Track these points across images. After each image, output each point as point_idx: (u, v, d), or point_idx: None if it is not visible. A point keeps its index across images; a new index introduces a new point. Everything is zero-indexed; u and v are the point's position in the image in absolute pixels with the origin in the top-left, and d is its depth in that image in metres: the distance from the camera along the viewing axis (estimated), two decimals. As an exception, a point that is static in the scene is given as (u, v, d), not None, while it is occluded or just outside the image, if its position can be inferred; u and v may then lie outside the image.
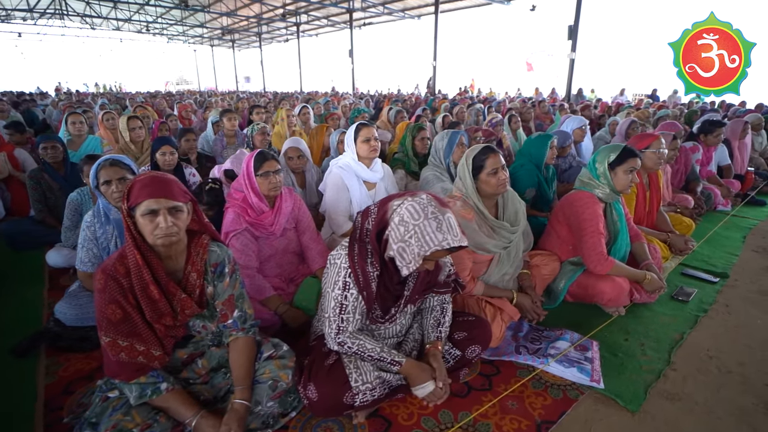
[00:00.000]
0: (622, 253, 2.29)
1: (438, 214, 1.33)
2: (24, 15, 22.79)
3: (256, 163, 2.16)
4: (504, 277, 2.10)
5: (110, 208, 2.08)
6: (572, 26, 11.78)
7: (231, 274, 1.57)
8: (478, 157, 1.97)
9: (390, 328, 1.62)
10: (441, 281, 1.64)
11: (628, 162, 2.17)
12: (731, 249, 3.16)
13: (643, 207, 2.81)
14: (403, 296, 1.54)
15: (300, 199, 2.42)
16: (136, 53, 36.54)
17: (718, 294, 2.48)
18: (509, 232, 2.01)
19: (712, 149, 4.27)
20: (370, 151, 2.62)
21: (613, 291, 2.09)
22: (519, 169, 3.07)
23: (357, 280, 1.44)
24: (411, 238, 1.33)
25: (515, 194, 2.13)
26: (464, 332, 1.66)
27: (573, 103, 10.63)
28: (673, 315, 2.24)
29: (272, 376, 1.48)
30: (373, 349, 1.46)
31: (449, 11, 19.02)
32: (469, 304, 1.97)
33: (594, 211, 2.17)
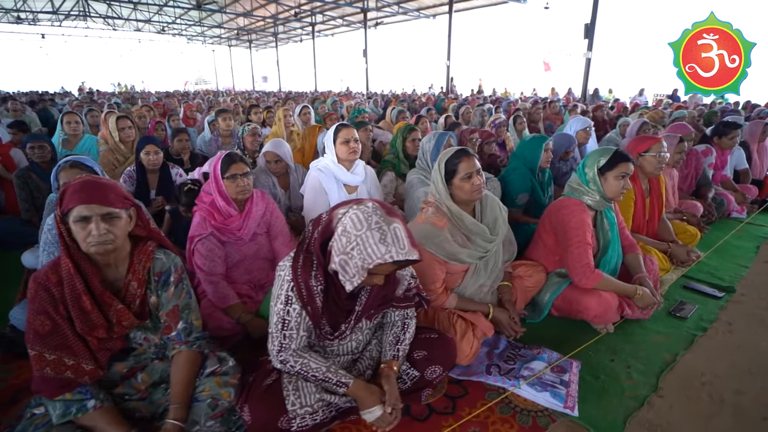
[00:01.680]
0: (612, 265, 2.13)
1: (382, 224, 1.22)
2: (50, 17, 23.48)
3: (223, 166, 2.08)
4: (482, 289, 1.96)
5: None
6: (588, 24, 11.44)
7: (177, 284, 1.48)
8: (450, 161, 1.84)
9: (344, 345, 1.51)
10: (400, 295, 1.52)
11: (620, 167, 2.01)
12: (742, 260, 2.94)
13: (642, 214, 2.62)
14: (354, 312, 1.43)
15: (273, 203, 2.33)
16: (156, 54, 37.30)
17: (722, 310, 2.28)
18: (486, 241, 1.88)
19: (727, 152, 4.02)
20: (350, 153, 2.51)
21: (599, 307, 1.93)
22: (511, 172, 2.92)
23: (300, 294, 1.33)
24: (353, 250, 1.22)
25: (496, 200, 1.99)
26: (424, 351, 1.54)
27: (588, 103, 10.31)
28: (668, 333, 2.06)
29: (212, 394, 1.39)
30: (318, 369, 1.35)
31: (464, 10, 18.77)
32: (440, 318, 1.84)
33: (581, 219, 2.01)
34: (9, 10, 22.12)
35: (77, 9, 23.12)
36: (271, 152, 2.96)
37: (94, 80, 30.36)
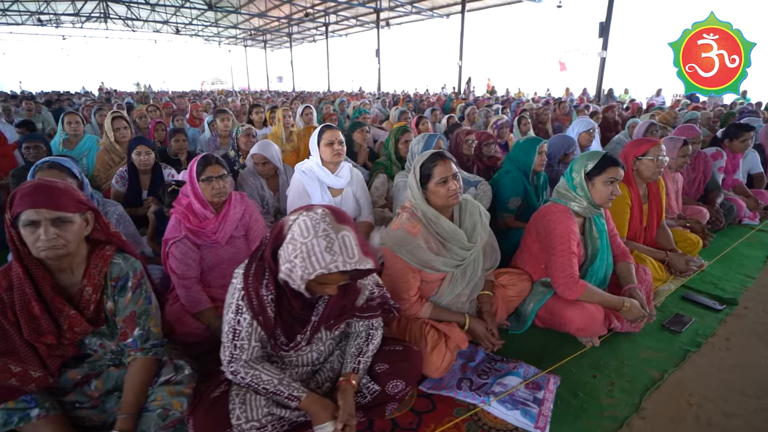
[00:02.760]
0: (601, 275, 2.02)
1: (330, 232, 1.16)
2: (72, 19, 24.13)
3: (198, 168, 2.04)
4: (459, 299, 1.89)
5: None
6: (603, 23, 11.16)
7: (135, 289, 1.45)
8: (425, 164, 1.77)
9: (303, 356, 1.46)
10: (362, 305, 1.46)
11: (608, 172, 1.90)
12: (749, 270, 2.78)
13: (639, 221, 2.50)
14: (311, 322, 1.37)
15: (253, 206, 2.29)
16: (174, 54, 37.98)
17: (720, 324, 2.15)
18: (463, 249, 1.80)
19: (738, 156, 3.83)
20: (334, 155, 2.45)
21: (583, 320, 1.83)
22: (504, 176, 2.83)
23: (250, 303, 1.28)
24: (296, 258, 1.16)
25: (476, 206, 1.91)
26: (386, 364, 1.47)
27: (601, 104, 10.05)
28: (659, 348, 1.95)
29: (163, 404, 1.35)
30: (269, 381, 1.30)
31: (477, 10, 18.57)
32: (412, 328, 1.77)
33: (566, 227, 1.91)
34: (33, 13, 22.81)
35: (98, 11, 23.75)
36: (258, 154, 2.93)
37: (114, 80, 31.18)
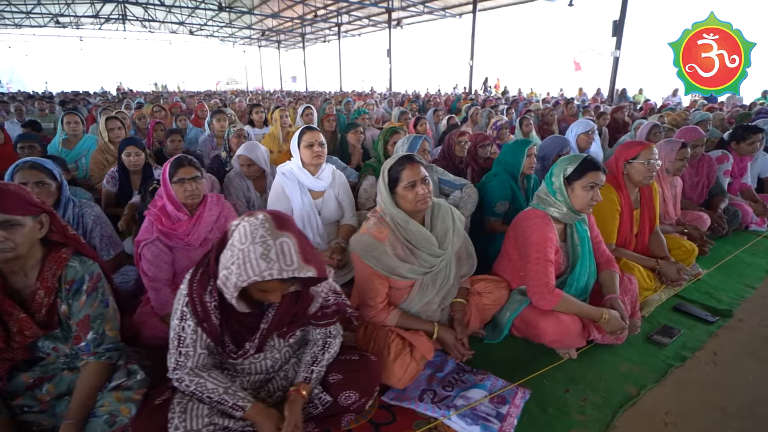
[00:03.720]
0: (582, 283, 1.94)
1: (268, 238, 1.12)
2: (92, 21, 24.72)
3: (171, 169, 2.03)
4: (430, 306, 1.83)
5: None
6: (617, 22, 10.91)
7: (90, 292, 1.44)
8: (394, 168, 1.72)
9: (257, 364, 1.42)
10: (316, 313, 1.42)
11: (588, 176, 1.82)
12: (749, 279, 2.65)
13: (629, 227, 2.40)
14: (260, 330, 1.34)
15: (230, 208, 2.27)
16: (190, 55, 38.59)
17: (710, 338, 2.04)
18: (432, 255, 1.74)
19: (746, 159, 3.67)
20: (313, 157, 2.41)
21: (557, 332, 1.75)
22: (492, 178, 2.75)
23: (194, 310, 1.25)
24: (233, 265, 1.13)
25: (450, 211, 1.84)
26: (339, 374, 1.43)
27: (615, 104, 9.81)
28: (640, 362, 1.85)
29: (111, 410, 1.33)
30: (214, 389, 1.27)
31: (488, 9, 18.37)
32: (378, 336, 1.72)
33: (542, 233, 1.84)
34: (55, 15, 23.44)
35: (116, 13, 24.29)
36: (243, 156, 2.91)
37: (133, 80, 31.86)
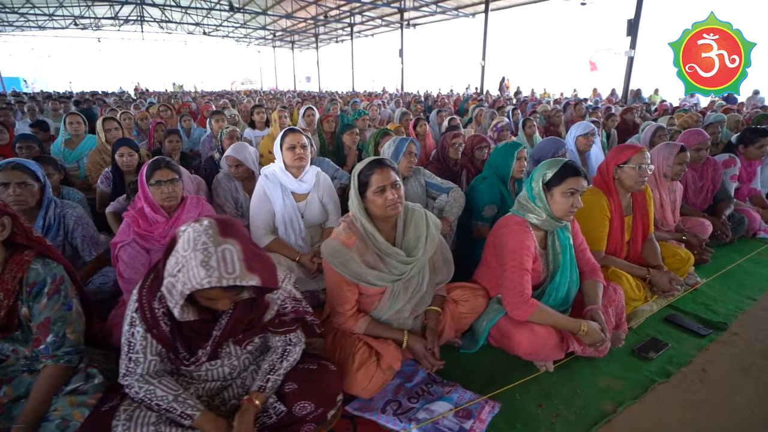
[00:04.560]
0: (562, 293, 1.86)
1: (210, 245, 1.09)
2: (111, 22, 25.32)
3: (148, 171, 2.04)
4: (402, 314, 1.78)
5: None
6: (632, 21, 10.65)
7: (51, 295, 1.43)
8: (363, 172, 1.68)
9: (213, 370, 1.40)
10: (273, 320, 1.39)
11: (568, 182, 1.75)
12: (751, 290, 2.53)
13: (619, 234, 2.31)
14: (212, 336, 1.31)
15: (210, 210, 2.27)
16: (207, 55, 39.23)
17: (701, 352, 1.95)
18: (402, 263, 1.69)
19: (756, 163, 3.52)
20: (295, 159, 2.39)
21: (531, 344, 1.69)
22: (481, 182, 2.69)
23: (143, 316, 1.24)
24: (179, 272, 1.10)
25: (424, 216, 1.79)
26: (295, 384, 1.39)
27: (629, 105, 9.57)
28: (621, 377, 1.77)
29: (63, 414, 1.32)
30: (164, 397, 1.25)
31: (501, 9, 18.15)
32: (345, 344, 1.68)
33: (519, 241, 1.77)
34: (77, 17, 24.06)
35: (135, 14, 24.83)
36: (231, 157, 2.91)
37: (152, 81, 32.55)
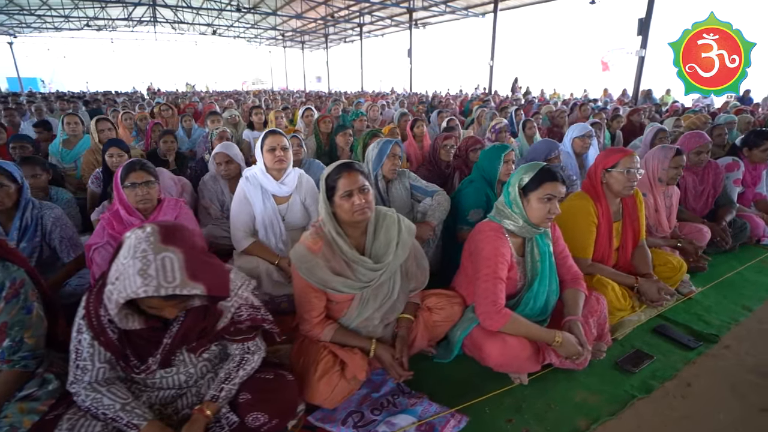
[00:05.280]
0: (540, 303, 1.79)
1: (149, 253, 1.06)
2: (125, 23, 25.75)
3: (122, 173, 2.03)
4: (371, 322, 1.73)
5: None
6: (643, 20, 10.43)
7: (9, 299, 1.41)
8: (331, 176, 1.63)
9: (168, 378, 1.37)
10: (230, 328, 1.35)
11: (544, 187, 1.68)
12: (749, 300, 2.42)
13: (607, 241, 2.22)
14: (163, 344, 1.28)
15: (188, 213, 2.25)
16: (219, 55, 39.69)
17: (687, 365, 1.86)
18: (370, 270, 1.64)
19: (761, 167, 3.39)
20: (275, 161, 2.36)
21: (502, 355, 1.62)
22: (467, 185, 2.62)
23: (90, 323, 1.21)
24: (117, 280, 1.07)
25: (397, 221, 1.74)
26: (249, 393, 1.35)
27: (640, 106, 9.37)
28: (599, 391, 1.70)
29: (12, 421, 1.30)
30: (111, 405, 1.22)
31: (510, 9, 17.96)
32: (309, 352, 1.64)
33: (494, 248, 1.71)
34: (92, 18, 24.52)
35: (148, 15, 25.20)
36: (221, 153, 2.90)
37: (164, 81, 33.05)
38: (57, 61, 33.90)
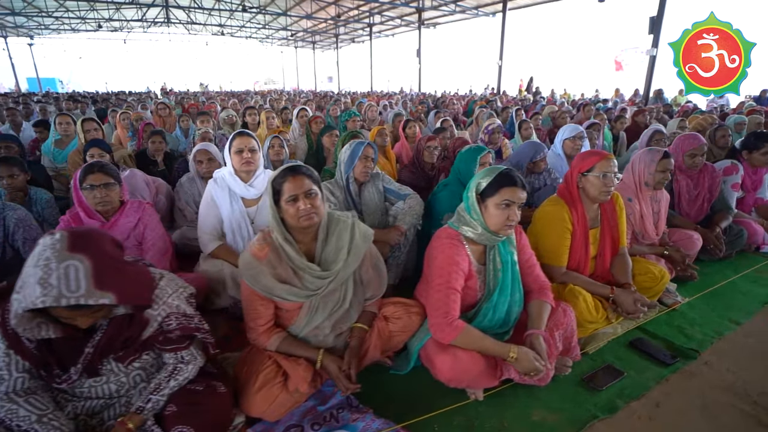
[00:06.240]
0: (501, 314, 1.70)
1: (53, 261, 1.01)
2: (139, 24, 26.20)
3: (80, 175, 2.00)
4: (321, 331, 1.67)
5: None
6: (654, 18, 10.15)
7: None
8: (276, 179, 1.57)
9: (97, 388, 1.33)
10: (158, 337, 1.30)
11: (502, 193, 1.59)
12: (737, 313, 2.29)
13: (583, 248, 2.12)
14: (84, 354, 1.23)
15: (152, 215, 2.21)
16: (230, 55, 40.14)
17: (659, 384, 1.75)
18: (316, 277, 1.58)
19: (762, 170, 3.22)
20: (242, 163, 2.31)
21: (452, 370, 1.54)
22: (442, 188, 2.54)
23: (4, 332, 1.17)
24: (21, 289, 1.03)
25: (350, 227, 1.67)
26: (175, 406, 1.30)
27: (650, 106, 9.11)
28: (559, 410, 1.60)
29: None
30: (26, 417, 1.18)
31: (519, 8, 17.73)
32: (253, 362, 1.58)
33: (448, 257, 1.63)
34: (107, 20, 25.01)
35: (161, 16, 25.61)
36: (202, 150, 2.88)
37: (178, 81, 33.58)
38: (74, 62, 34.70)
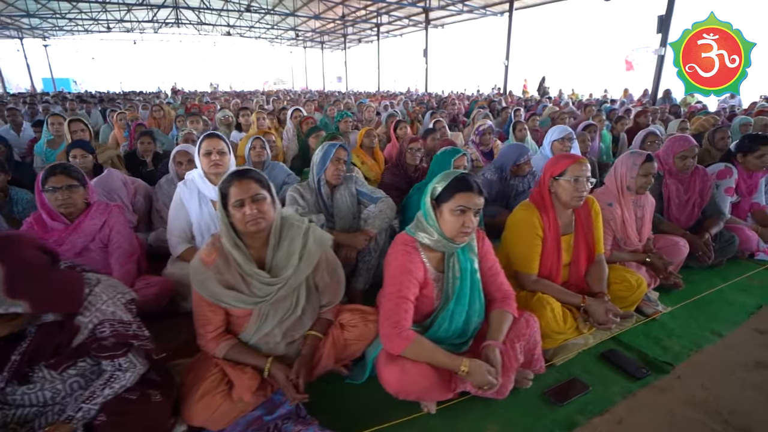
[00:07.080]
0: (458, 324, 1.64)
1: None
2: (151, 25, 26.58)
3: (42, 177, 1.99)
4: (272, 338, 1.63)
5: None
6: (663, 16, 9.94)
7: None
8: (224, 183, 1.53)
9: (30, 395, 1.30)
10: (92, 344, 1.27)
11: (457, 198, 1.53)
12: (721, 324, 2.19)
13: (555, 256, 2.04)
14: (10, 361, 1.21)
15: (119, 217, 2.20)
16: (240, 55, 40.51)
17: (626, 399, 1.67)
18: (265, 284, 1.54)
19: (757, 174, 3.10)
20: (211, 165, 2.29)
21: (399, 382, 1.48)
22: (415, 192, 2.50)
23: (-74, 338, 1.15)
24: None
25: (303, 232, 1.63)
26: (105, 415, 1.27)
27: (659, 106, 8.92)
28: (514, 425, 1.53)
29: None
30: (-54, 425, 1.16)
31: (526, 7, 17.52)
32: (199, 369, 1.54)
33: (401, 265, 1.58)
34: (118, 21, 25.43)
35: (172, 17, 25.93)
36: (182, 151, 2.87)
37: (189, 81, 33.96)
38: (87, 63, 35.32)
